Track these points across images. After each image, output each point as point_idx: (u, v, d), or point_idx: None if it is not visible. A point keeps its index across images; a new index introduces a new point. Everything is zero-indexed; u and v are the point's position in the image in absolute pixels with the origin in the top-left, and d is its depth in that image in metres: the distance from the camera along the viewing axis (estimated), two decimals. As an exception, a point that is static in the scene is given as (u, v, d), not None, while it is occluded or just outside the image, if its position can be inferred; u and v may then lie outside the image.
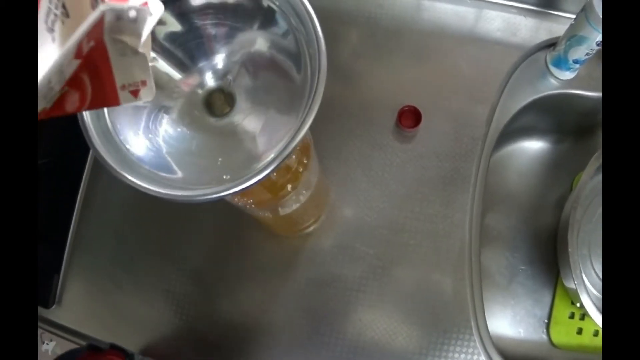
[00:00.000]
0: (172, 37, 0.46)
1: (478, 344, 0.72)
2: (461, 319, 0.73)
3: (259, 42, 0.46)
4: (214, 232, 0.79)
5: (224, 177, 0.41)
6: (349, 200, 0.78)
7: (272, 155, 0.38)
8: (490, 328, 0.73)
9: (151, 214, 0.81)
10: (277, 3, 0.43)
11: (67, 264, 0.80)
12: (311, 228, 0.77)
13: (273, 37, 0.45)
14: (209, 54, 0.47)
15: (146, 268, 0.79)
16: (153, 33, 0.44)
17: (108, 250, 0.81)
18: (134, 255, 0.80)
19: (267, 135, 0.44)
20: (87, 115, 0.40)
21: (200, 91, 0.46)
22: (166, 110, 0.45)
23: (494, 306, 0.88)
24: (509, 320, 0.88)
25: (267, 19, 0.44)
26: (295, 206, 0.60)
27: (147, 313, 0.77)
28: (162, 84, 0.46)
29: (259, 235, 0.78)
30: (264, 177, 0.37)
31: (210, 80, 0.47)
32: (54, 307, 0.79)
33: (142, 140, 0.43)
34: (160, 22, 0.45)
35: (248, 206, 0.55)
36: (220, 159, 0.44)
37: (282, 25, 0.44)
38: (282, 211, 0.60)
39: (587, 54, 0.74)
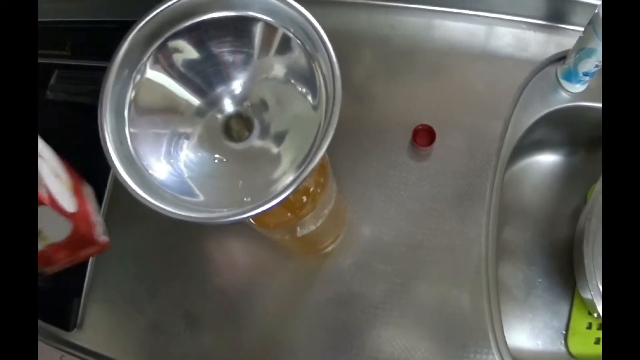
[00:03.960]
0: (190, 64, 0.47)
1: (497, 358, 0.71)
2: (479, 333, 0.73)
3: (275, 68, 0.47)
4: (234, 254, 0.80)
5: (245, 199, 0.42)
6: (366, 218, 0.79)
7: (291, 178, 0.39)
8: (508, 341, 0.73)
9: (171, 238, 0.82)
10: (292, 30, 0.45)
11: (88, 286, 0.81)
12: (330, 248, 0.77)
13: (288, 63, 0.46)
14: (226, 80, 0.48)
15: (167, 290, 0.79)
16: (171, 59, 0.46)
17: (129, 273, 0.81)
18: (155, 278, 0.80)
19: (285, 159, 0.45)
20: (110, 142, 0.41)
21: (219, 116, 0.47)
22: (186, 136, 0.47)
23: (512, 319, 0.88)
24: (527, 333, 0.88)
25: (282, 45, 0.46)
26: (313, 227, 0.60)
27: (168, 335, 0.78)
28: (181, 110, 0.47)
29: (278, 256, 0.79)
30: (283, 199, 0.38)
31: (229, 106, 0.48)
32: (75, 330, 0.79)
33: (164, 166, 0.45)
34: (178, 50, 0.47)
35: (267, 229, 0.56)
36: (240, 182, 0.45)
37: (297, 51, 0.45)
38: (300, 232, 0.60)
39: (596, 66, 0.74)
